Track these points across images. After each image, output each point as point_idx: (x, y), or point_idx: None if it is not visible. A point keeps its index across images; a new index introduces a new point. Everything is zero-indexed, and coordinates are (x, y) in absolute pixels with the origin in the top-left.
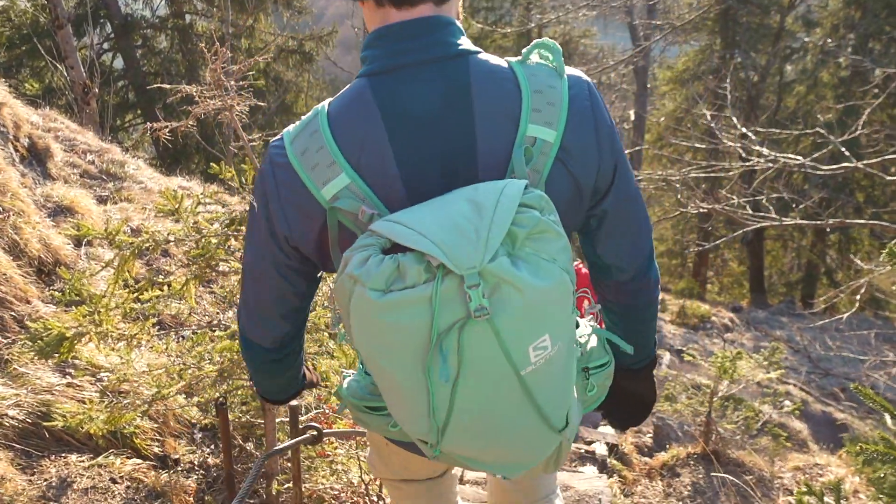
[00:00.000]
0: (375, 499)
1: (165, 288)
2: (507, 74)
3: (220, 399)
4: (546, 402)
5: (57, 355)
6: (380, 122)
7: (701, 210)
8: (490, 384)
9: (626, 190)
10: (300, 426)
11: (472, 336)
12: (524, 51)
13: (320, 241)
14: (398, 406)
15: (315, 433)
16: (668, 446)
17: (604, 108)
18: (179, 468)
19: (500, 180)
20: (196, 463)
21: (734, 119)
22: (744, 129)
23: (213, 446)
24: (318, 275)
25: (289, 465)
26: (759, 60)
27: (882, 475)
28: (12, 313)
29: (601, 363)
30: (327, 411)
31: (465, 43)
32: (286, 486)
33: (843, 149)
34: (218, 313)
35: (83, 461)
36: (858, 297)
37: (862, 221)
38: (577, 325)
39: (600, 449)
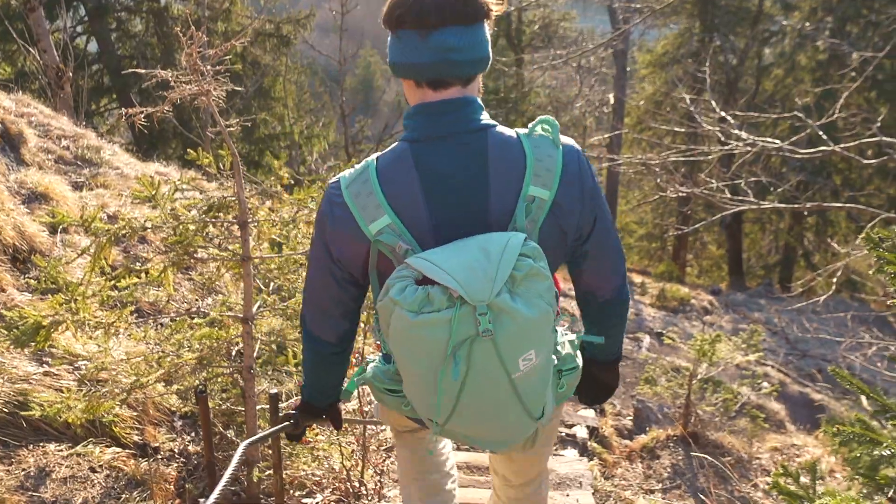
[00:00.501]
0: (357, 484)
1: (143, 275)
2: (516, 145)
3: (200, 387)
4: (528, 398)
5: (33, 344)
6: (416, 179)
7: (680, 194)
8: (489, 383)
9: (604, 234)
10: (280, 413)
11: (478, 349)
12: (531, 125)
13: (364, 263)
14: (414, 393)
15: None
16: (648, 429)
17: (589, 170)
18: (159, 456)
19: (506, 232)
20: (176, 451)
21: (713, 103)
22: (723, 113)
23: (193, 434)
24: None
25: (270, 452)
26: (737, 44)
27: (858, 455)
28: None
29: (571, 367)
30: None
31: (485, 118)
32: (267, 473)
33: (821, 132)
34: (197, 300)
35: (62, 450)
36: (835, 279)
37: (838, 205)
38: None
39: (581, 432)
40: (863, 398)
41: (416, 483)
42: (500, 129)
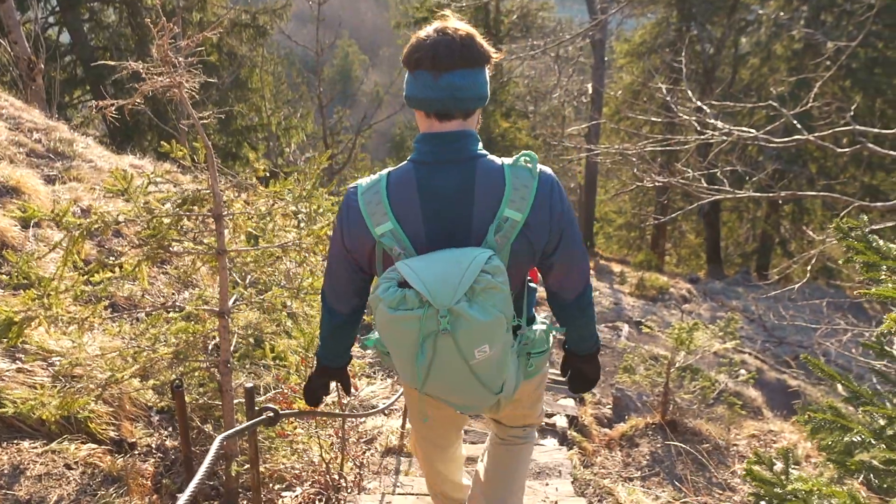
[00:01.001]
0: (337, 477)
1: (117, 269)
2: (499, 173)
3: (177, 381)
4: (485, 379)
5: (6, 340)
6: (417, 196)
7: (657, 183)
8: (450, 367)
9: (570, 249)
10: (257, 407)
11: (441, 341)
12: (515, 156)
13: (369, 255)
14: (398, 365)
15: (272, 414)
16: (626, 417)
17: (559, 196)
18: (136, 452)
19: (477, 248)
20: (153, 446)
21: (690, 92)
22: (699, 103)
23: (170, 429)
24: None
25: (248, 446)
26: (714, 33)
27: (831, 442)
28: None
29: (540, 350)
30: (286, 391)
31: (478, 148)
32: (246, 467)
33: (796, 121)
34: (173, 294)
35: (36, 447)
36: (810, 266)
37: (813, 193)
38: (535, 321)
39: (560, 421)
40: (839, 385)
41: (431, 475)
42: (489, 158)
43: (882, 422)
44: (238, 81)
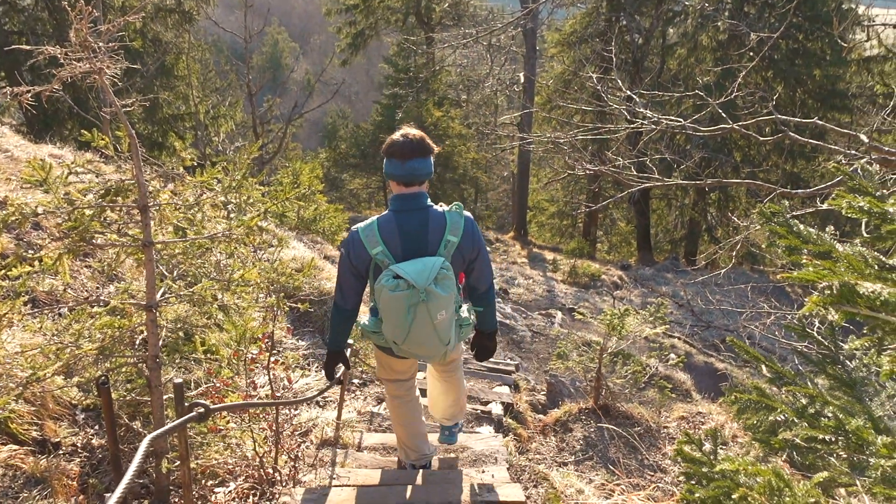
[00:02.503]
0: (271, 470)
1: (37, 263)
2: (442, 216)
3: (103, 378)
4: (442, 335)
5: None
6: (396, 231)
7: (589, 172)
8: (423, 325)
9: (482, 262)
10: (187, 403)
11: (420, 309)
12: (454, 206)
13: (366, 267)
14: (389, 329)
15: (202, 410)
16: (560, 403)
17: (475, 228)
18: (61, 452)
19: (436, 257)
20: (79, 445)
21: (620, 82)
22: (629, 92)
23: (97, 427)
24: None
25: (178, 442)
26: (643, 23)
27: (756, 422)
28: None
29: (467, 323)
30: (218, 385)
31: (428, 202)
32: (176, 463)
33: (721, 111)
34: (97, 288)
35: None
36: (735, 252)
37: (738, 181)
38: (461, 306)
39: (496, 409)
40: (763, 366)
41: (402, 427)
42: (434, 207)
43: (804, 401)
44: (163, 69)
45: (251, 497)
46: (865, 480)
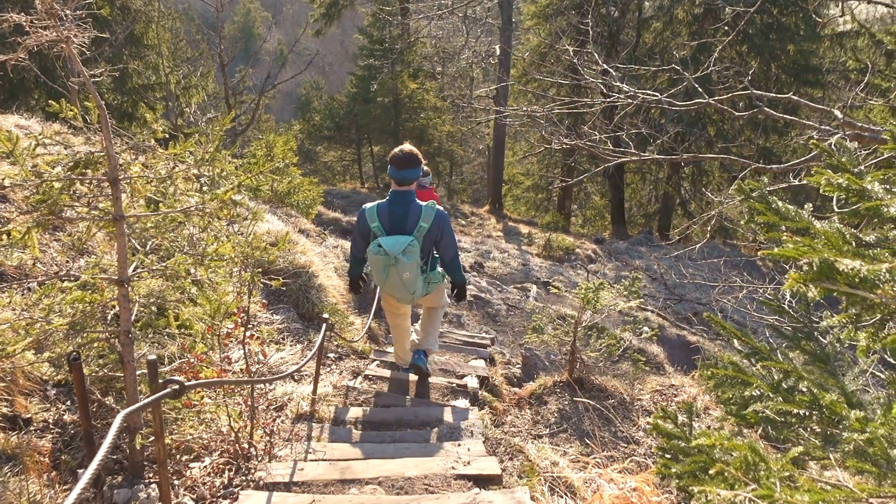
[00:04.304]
0: (246, 445)
1: (4, 237)
2: (419, 208)
3: (74, 353)
4: (408, 287)
5: None
6: (388, 214)
7: (564, 146)
8: (395, 280)
9: (447, 241)
10: (161, 379)
11: (392, 269)
12: (431, 202)
13: (367, 233)
14: (375, 277)
15: (177, 386)
16: (535, 376)
17: (443, 218)
18: (32, 428)
19: (408, 235)
20: (50, 421)
21: (596, 55)
22: (605, 66)
23: (68, 403)
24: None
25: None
26: None
27: (731, 396)
28: None
29: (435, 281)
30: (192, 360)
31: (414, 197)
32: (150, 439)
33: (697, 85)
34: (67, 262)
35: None
36: (709, 227)
37: (712, 156)
38: (435, 267)
39: (472, 382)
40: (735, 340)
41: (397, 343)
42: (417, 202)
43: (779, 376)
44: (133, 37)
45: (226, 472)
46: (838, 454)
